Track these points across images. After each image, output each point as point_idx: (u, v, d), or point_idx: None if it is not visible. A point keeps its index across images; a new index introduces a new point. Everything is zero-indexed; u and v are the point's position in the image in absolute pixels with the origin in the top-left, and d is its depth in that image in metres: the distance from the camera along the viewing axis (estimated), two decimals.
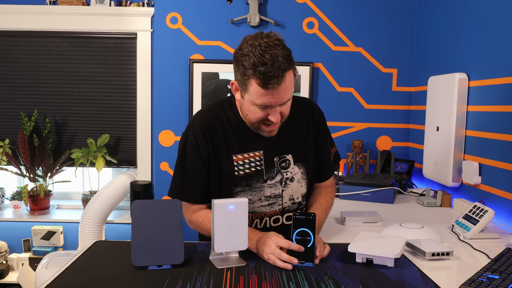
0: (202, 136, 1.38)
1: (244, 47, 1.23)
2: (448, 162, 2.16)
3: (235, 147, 1.39)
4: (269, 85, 1.20)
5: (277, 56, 1.19)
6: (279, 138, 1.42)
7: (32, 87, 3.01)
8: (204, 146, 1.38)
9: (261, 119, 1.31)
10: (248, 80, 1.23)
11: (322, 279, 1.16)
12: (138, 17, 2.92)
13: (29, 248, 2.96)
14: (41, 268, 2.19)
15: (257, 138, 1.40)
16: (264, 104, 1.25)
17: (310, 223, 1.28)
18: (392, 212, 1.98)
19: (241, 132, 1.40)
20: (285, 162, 1.43)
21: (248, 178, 1.41)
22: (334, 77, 2.90)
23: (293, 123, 1.45)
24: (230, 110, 1.42)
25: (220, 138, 1.39)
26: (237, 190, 1.41)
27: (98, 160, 2.91)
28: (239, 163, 1.40)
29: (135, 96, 3.00)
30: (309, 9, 2.85)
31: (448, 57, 2.36)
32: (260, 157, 1.41)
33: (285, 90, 1.24)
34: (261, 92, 1.23)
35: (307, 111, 1.49)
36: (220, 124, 1.40)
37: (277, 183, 1.43)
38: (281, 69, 1.19)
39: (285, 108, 1.31)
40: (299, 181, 1.46)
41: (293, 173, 1.45)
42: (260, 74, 1.19)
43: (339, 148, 2.94)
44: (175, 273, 1.18)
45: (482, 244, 1.52)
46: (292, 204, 1.48)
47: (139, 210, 1.22)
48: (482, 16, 2.03)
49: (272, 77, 1.19)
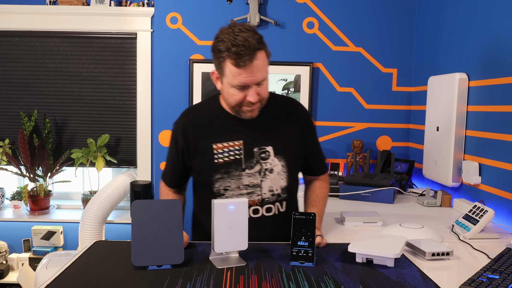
0: (181, 128, 1.51)
1: (219, 35, 1.36)
2: (448, 162, 2.16)
3: (215, 136, 1.49)
4: (241, 63, 1.31)
5: (248, 38, 1.31)
6: (260, 130, 1.49)
7: (32, 87, 3.01)
8: (181, 137, 1.51)
9: (241, 101, 1.40)
10: (224, 62, 1.34)
11: (322, 279, 1.16)
12: (138, 17, 2.92)
13: (29, 248, 2.96)
14: (41, 268, 2.19)
15: (238, 129, 1.49)
16: (240, 83, 1.35)
17: (310, 223, 1.28)
18: (392, 212, 1.98)
19: (222, 122, 1.50)
20: (264, 153, 1.49)
21: (227, 165, 1.47)
22: (334, 77, 2.90)
23: (278, 118, 1.53)
24: (214, 103, 1.54)
25: (201, 128, 1.50)
26: (216, 177, 1.48)
27: (98, 160, 2.91)
28: (218, 151, 1.48)
29: (135, 96, 3.00)
30: (309, 9, 2.86)
31: (448, 57, 2.36)
32: (239, 146, 1.48)
33: (258, 68, 1.34)
34: (236, 72, 1.33)
35: (292, 109, 1.57)
36: (204, 115, 1.53)
37: (256, 173, 1.48)
38: (252, 48, 1.31)
39: (262, 89, 1.39)
40: (279, 173, 1.50)
41: (273, 164, 1.49)
42: (233, 54, 1.31)
43: (339, 148, 2.95)
44: (175, 273, 1.18)
45: (482, 244, 1.52)
46: (271, 195, 1.51)
47: (139, 210, 1.22)
48: (482, 16, 2.03)
49: (244, 55, 1.30)
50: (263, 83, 1.38)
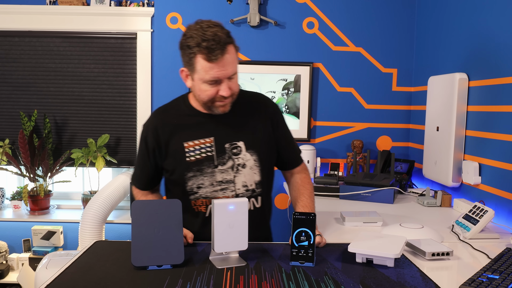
0: (152, 129, 1.50)
1: (187, 32, 1.37)
2: (448, 162, 2.16)
3: (186, 135, 1.49)
4: (213, 57, 1.32)
5: (217, 32, 1.33)
6: (230, 126, 1.50)
7: (32, 87, 3.01)
8: (151, 138, 1.50)
9: (213, 97, 1.40)
10: (194, 58, 1.35)
11: (322, 279, 1.16)
12: (138, 17, 2.92)
13: (29, 248, 2.96)
14: (41, 268, 2.18)
15: (208, 126, 1.49)
16: (213, 78, 1.35)
17: (310, 223, 1.28)
18: (392, 212, 1.98)
19: (191, 121, 1.50)
20: (236, 149, 1.50)
21: (199, 163, 1.47)
22: (334, 77, 2.90)
23: (247, 113, 1.54)
24: (183, 102, 1.55)
25: (172, 128, 1.49)
26: (189, 175, 1.48)
27: (98, 160, 2.91)
28: (190, 149, 1.48)
29: (135, 96, 3.00)
30: (309, 9, 2.86)
31: (448, 57, 2.36)
32: (211, 143, 1.48)
33: (229, 62, 1.35)
34: (208, 66, 1.34)
35: (260, 103, 1.58)
36: (174, 115, 1.52)
37: (228, 168, 1.49)
38: (222, 42, 1.32)
39: (233, 84, 1.41)
40: (251, 168, 1.51)
41: (245, 159, 1.50)
42: (204, 49, 1.32)
43: (339, 147, 2.95)
44: (175, 273, 1.18)
45: (482, 244, 1.52)
46: (246, 191, 1.51)
47: (139, 210, 1.22)
48: (482, 16, 2.03)
49: (215, 49, 1.31)
50: (234, 77, 1.40)
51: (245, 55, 2.89)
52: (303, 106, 2.90)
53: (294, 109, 2.91)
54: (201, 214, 1.51)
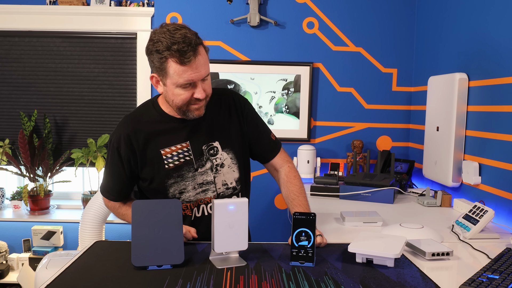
0: (124, 138, 1.44)
1: (153, 37, 1.33)
2: (448, 162, 2.16)
3: (161, 142, 1.45)
4: (185, 59, 1.29)
5: (186, 34, 1.30)
6: (204, 127, 1.49)
7: (32, 87, 3.01)
8: (125, 148, 1.44)
9: (188, 100, 1.37)
10: (166, 62, 1.31)
11: (322, 279, 1.16)
12: (138, 17, 2.92)
13: (29, 248, 2.96)
14: (41, 268, 2.19)
15: (182, 130, 1.47)
16: (187, 81, 1.32)
17: (310, 223, 1.28)
18: (392, 212, 1.98)
19: (165, 127, 1.46)
20: (213, 149, 1.50)
21: (179, 169, 1.46)
22: (334, 77, 2.90)
23: (216, 112, 1.52)
24: (153, 107, 1.49)
25: (145, 136, 1.45)
26: (169, 182, 1.46)
27: (98, 160, 2.91)
28: (167, 156, 1.46)
29: (135, 96, 3.00)
30: (309, 9, 2.86)
31: (448, 57, 2.36)
32: (187, 147, 1.47)
33: (201, 63, 1.33)
34: (181, 69, 1.30)
35: (228, 99, 1.56)
36: (144, 123, 1.46)
37: (207, 170, 1.49)
38: (193, 43, 1.29)
39: (207, 85, 1.39)
40: (230, 166, 1.52)
41: (222, 159, 1.51)
42: (175, 52, 1.28)
43: (339, 147, 2.95)
44: (175, 273, 1.18)
45: (482, 244, 1.52)
46: (226, 189, 1.52)
47: (139, 210, 1.22)
48: (482, 16, 2.03)
49: (187, 51, 1.28)
50: (207, 79, 1.38)
51: (245, 55, 2.89)
52: (303, 106, 2.90)
53: (294, 109, 2.91)
54: (188, 218, 1.51)
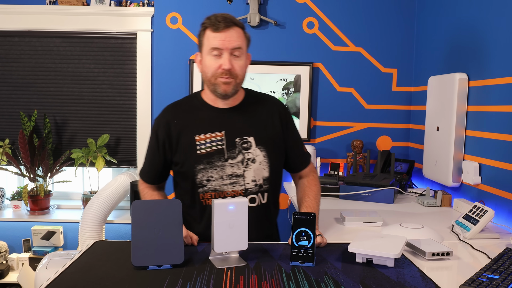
0: (163, 123, 1.53)
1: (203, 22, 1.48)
2: (448, 162, 2.16)
3: (198, 128, 1.52)
4: (218, 27, 1.41)
5: (228, 15, 1.45)
6: (242, 121, 1.54)
7: (32, 87, 3.01)
8: (163, 131, 1.53)
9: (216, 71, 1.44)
10: (204, 32, 1.46)
11: (322, 279, 1.16)
12: (138, 17, 2.92)
13: (29, 248, 2.96)
14: (41, 268, 2.19)
15: (220, 120, 1.52)
16: (215, 46, 1.41)
17: (310, 223, 1.28)
18: (392, 212, 1.98)
19: (203, 114, 1.54)
20: (246, 143, 1.52)
21: (210, 156, 1.49)
22: (334, 77, 2.90)
23: (259, 111, 1.58)
24: (195, 97, 1.60)
25: (184, 122, 1.53)
26: (199, 167, 1.49)
27: (98, 160, 2.91)
28: (201, 142, 1.50)
29: (135, 96, 3.00)
30: (309, 9, 2.86)
31: (448, 57, 2.36)
32: (221, 137, 1.51)
33: (233, 35, 1.43)
34: (212, 36, 1.42)
35: (275, 103, 1.62)
36: (186, 109, 1.56)
37: (238, 162, 1.50)
38: (230, 20, 1.43)
39: (236, 62, 1.45)
40: (261, 163, 1.52)
41: (255, 154, 1.52)
42: (211, 21, 1.43)
43: (339, 147, 2.95)
44: (175, 273, 1.18)
45: (482, 244, 1.52)
46: (254, 186, 1.52)
47: (139, 210, 1.22)
48: (482, 16, 2.03)
49: (221, 22, 1.41)
50: (238, 56, 1.45)
51: None
52: (303, 106, 2.90)
53: (294, 109, 2.91)
54: (209, 208, 1.50)
